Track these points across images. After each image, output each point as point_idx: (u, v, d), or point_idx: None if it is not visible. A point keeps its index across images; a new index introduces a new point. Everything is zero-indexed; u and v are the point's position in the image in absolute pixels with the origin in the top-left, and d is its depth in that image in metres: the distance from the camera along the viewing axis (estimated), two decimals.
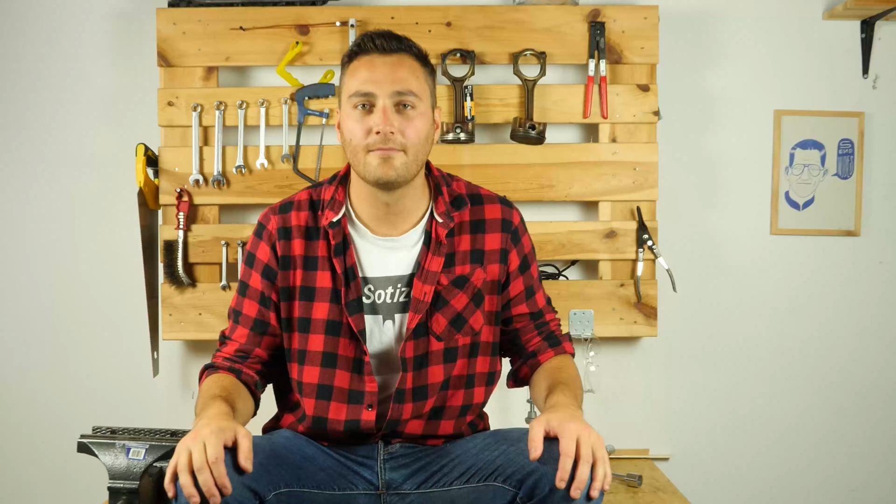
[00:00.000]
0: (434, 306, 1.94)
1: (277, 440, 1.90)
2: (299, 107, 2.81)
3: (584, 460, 1.58)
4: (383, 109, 1.85)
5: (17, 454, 2.93)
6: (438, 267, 1.94)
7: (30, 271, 2.94)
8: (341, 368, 1.94)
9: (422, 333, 1.94)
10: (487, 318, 2.00)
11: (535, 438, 1.63)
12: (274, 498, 1.72)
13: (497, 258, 2.00)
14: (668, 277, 2.79)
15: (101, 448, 1.90)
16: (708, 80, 2.98)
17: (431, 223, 1.97)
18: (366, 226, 1.96)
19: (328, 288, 1.94)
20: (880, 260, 3.00)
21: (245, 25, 2.81)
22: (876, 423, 3.01)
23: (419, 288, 1.93)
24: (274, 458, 1.78)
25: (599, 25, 2.83)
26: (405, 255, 1.96)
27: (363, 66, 1.89)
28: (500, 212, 2.02)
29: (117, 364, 2.93)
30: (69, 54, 2.94)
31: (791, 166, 2.97)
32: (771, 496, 3.00)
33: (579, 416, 1.71)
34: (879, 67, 2.99)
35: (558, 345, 2.03)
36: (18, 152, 2.94)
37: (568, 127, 2.94)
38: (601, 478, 1.61)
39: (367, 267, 1.95)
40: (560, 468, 1.58)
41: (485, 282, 1.99)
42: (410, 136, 1.86)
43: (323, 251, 1.95)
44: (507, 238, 2.01)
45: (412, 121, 1.87)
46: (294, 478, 1.79)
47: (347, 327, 1.93)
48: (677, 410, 2.99)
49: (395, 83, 1.86)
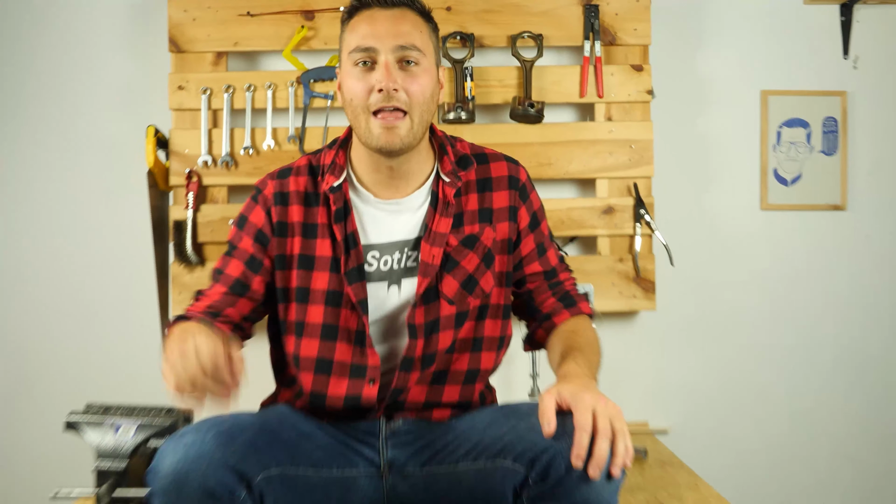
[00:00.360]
0: (444, 268, 1.55)
1: (270, 415, 1.48)
2: (305, 89, 2.43)
3: (601, 434, 1.19)
4: (385, 65, 1.47)
5: (29, 432, 2.51)
6: (447, 228, 1.55)
7: (46, 252, 2.53)
8: (342, 341, 1.54)
9: (432, 298, 1.55)
10: (498, 279, 1.61)
11: (547, 411, 1.23)
12: (263, 481, 1.30)
13: (506, 216, 1.61)
14: (665, 252, 2.42)
15: (89, 427, 1.50)
16: (697, 63, 2.60)
17: (437, 183, 1.58)
18: (368, 190, 1.58)
19: (328, 257, 1.55)
20: (866, 233, 2.62)
21: (253, 11, 2.43)
22: (866, 389, 2.62)
23: (427, 251, 1.54)
24: (265, 435, 1.35)
25: (594, 8, 2.45)
26: (410, 217, 1.57)
27: (363, 20, 1.52)
28: (507, 168, 1.63)
29: (129, 342, 2.52)
30: (86, 42, 2.55)
31: (778, 144, 2.60)
32: (768, 465, 2.60)
33: (593, 386, 1.31)
34: (859, 48, 2.61)
35: (574, 305, 1.64)
36: (37, 136, 2.55)
37: (565, 107, 2.56)
38: (622, 453, 1.21)
39: (371, 233, 1.57)
40: (576, 444, 1.19)
41: (494, 241, 1.60)
42: (415, 94, 1.49)
43: (323, 218, 1.56)
44: (514, 195, 1.62)
45: (417, 77, 1.50)
46: (288, 456, 1.37)
47: (349, 297, 1.53)
48: (675, 383, 2.60)
49: (398, 37, 1.49)
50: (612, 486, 1.25)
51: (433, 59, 1.55)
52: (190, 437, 1.26)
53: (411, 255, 1.56)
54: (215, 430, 1.27)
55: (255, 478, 1.28)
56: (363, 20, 1.51)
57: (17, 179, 2.55)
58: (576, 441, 1.20)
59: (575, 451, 1.20)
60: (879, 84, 2.61)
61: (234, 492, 1.25)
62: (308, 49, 2.46)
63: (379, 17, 1.50)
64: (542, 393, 1.28)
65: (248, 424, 1.33)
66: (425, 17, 1.56)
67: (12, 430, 2.54)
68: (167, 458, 1.24)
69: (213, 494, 1.22)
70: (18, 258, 2.54)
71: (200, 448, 1.24)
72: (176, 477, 1.22)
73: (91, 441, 1.48)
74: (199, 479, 1.22)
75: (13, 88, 2.54)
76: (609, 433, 1.21)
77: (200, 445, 1.24)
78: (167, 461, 1.24)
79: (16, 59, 2.54)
